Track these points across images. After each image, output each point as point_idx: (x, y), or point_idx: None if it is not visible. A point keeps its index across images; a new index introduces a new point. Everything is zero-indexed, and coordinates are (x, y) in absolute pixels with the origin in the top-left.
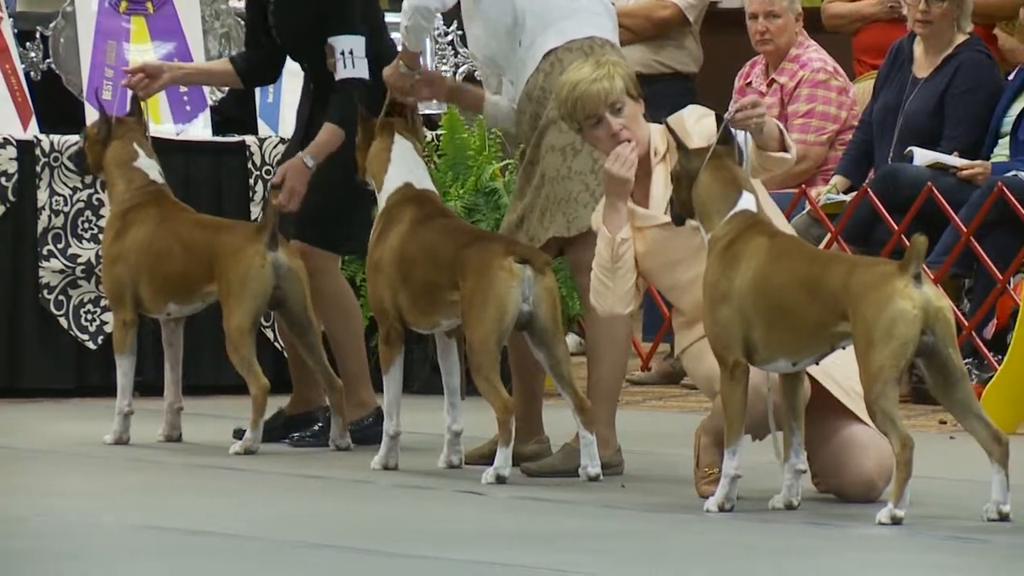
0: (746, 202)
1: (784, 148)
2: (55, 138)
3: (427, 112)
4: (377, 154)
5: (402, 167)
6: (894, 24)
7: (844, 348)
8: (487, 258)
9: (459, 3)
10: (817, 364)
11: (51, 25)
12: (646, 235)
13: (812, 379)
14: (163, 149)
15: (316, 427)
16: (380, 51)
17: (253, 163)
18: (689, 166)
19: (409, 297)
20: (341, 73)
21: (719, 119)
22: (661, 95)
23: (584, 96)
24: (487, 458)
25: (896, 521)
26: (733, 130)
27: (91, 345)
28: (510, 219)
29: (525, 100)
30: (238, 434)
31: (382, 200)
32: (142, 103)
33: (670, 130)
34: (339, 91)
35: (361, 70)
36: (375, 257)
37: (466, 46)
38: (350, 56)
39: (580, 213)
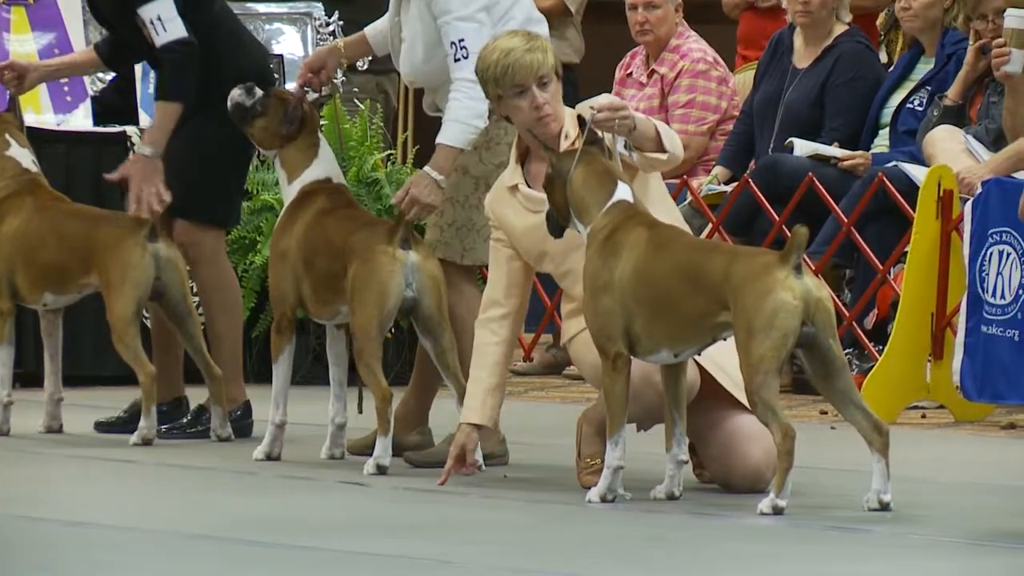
0: (623, 192)
1: (661, 148)
2: None
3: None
4: (305, 148)
5: (327, 163)
6: (772, 15)
7: (725, 339)
8: (370, 243)
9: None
10: (699, 355)
11: None
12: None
13: (701, 369)
14: (44, 139)
15: (184, 419)
16: (234, 27)
17: (134, 153)
18: (560, 167)
19: (311, 286)
20: (157, 41)
21: (581, 121)
22: None
23: (517, 64)
24: (370, 448)
25: (777, 511)
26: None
27: None
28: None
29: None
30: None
31: (294, 190)
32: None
33: (581, 122)
34: (164, 62)
35: (175, 31)
36: (281, 246)
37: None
38: (159, 22)
39: (477, 246)
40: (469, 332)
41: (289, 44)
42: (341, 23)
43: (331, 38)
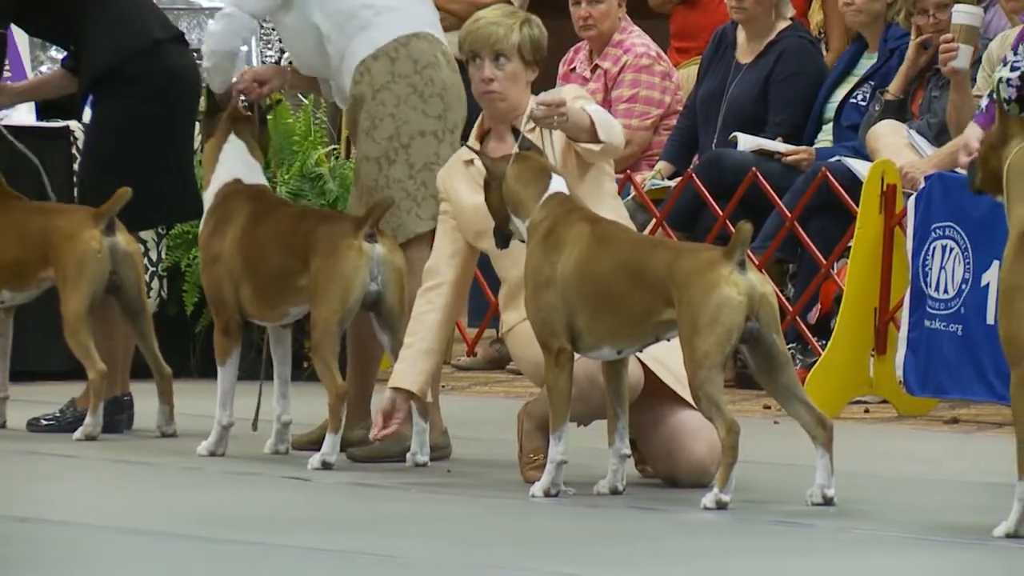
0: (558, 185)
1: (596, 139)
2: None
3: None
4: (210, 150)
5: (231, 164)
6: (705, 9)
7: (668, 340)
8: (336, 237)
9: None
10: (640, 352)
11: None
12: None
13: (643, 366)
14: None
15: (57, 412)
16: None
17: (77, 148)
18: (495, 170)
19: (253, 289)
20: None
21: (515, 132)
22: None
23: (475, 32)
24: (315, 444)
25: (721, 506)
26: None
27: None
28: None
29: (349, 109)
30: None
31: (210, 195)
32: None
33: (514, 131)
34: None
35: None
36: (213, 250)
37: None
38: None
39: (404, 219)
40: None
41: None
42: None
43: (274, 33)
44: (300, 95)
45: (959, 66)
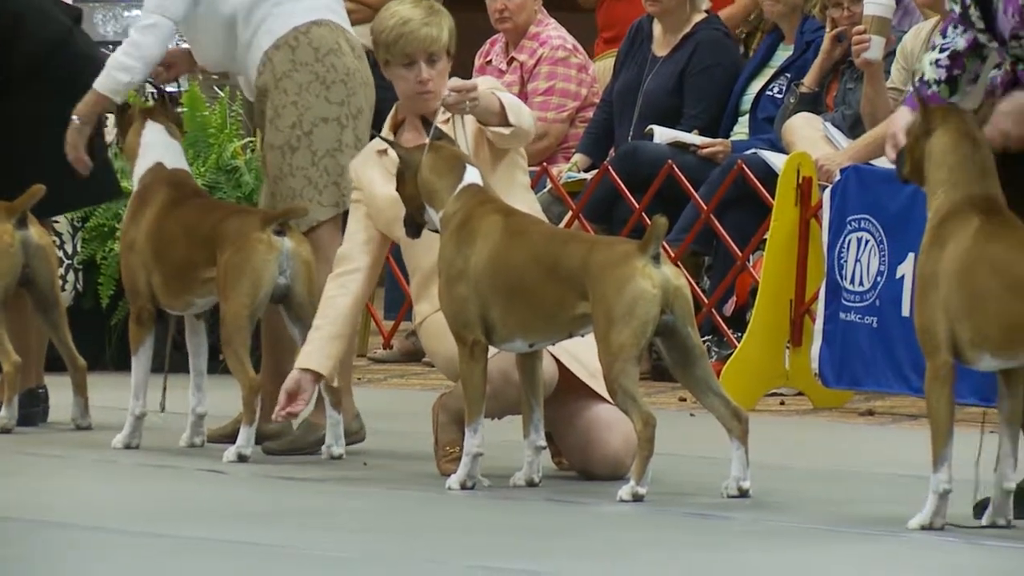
0: (472, 176)
1: (506, 122)
2: None
3: (169, 90)
4: (130, 141)
5: (153, 149)
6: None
7: (583, 335)
8: (245, 230)
9: None
10: (553, 345)
11: None
12: None
13: (557, 361)
14: None
15: None
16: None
17: None
18: (410, 160)
19: (162, 277)
20: None
21: (426, 122)
22: None
23: (410, 35)
24: (230, 437)
25: (637, 498)
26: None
27: None
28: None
29: (255, 100)
30: None
31: (135, 182)
32: None
33: (424, 122)
34: None
35: None
36: (129, 238)
37: None
38: None
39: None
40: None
41: None
42: None
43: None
44: (216, 88)
45: (871, 57)
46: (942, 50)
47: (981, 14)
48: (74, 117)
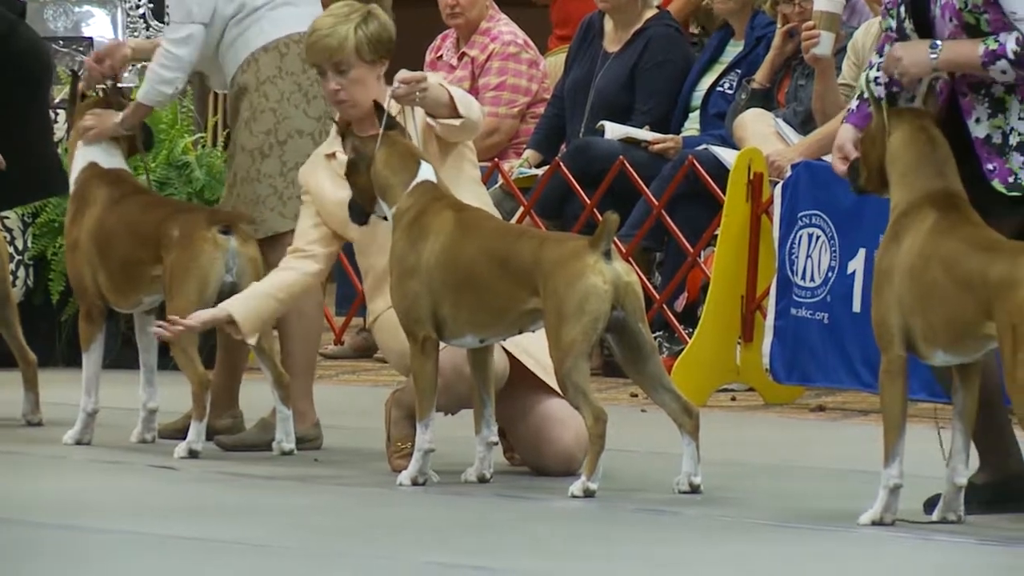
0: (426, 172)
1: (456, 114)
2: None
3: (120, 86)
4: (72, 137)
5: (88, 148)
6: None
7: (533, 331)
8: (191, 229)
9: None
10: (505, 341)
11: None
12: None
13: (509, 355)
14: None
15: None
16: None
17: None
18: (364, 151)
19: (108, 276)
20: None
21: (379, 108)
22: None
23: (314, 46)
24: (181, 432)
25: (589, 494)
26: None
27: None
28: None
29: (231, 95)
30: None
31: (72, 182)
32: None
33: (378, 108)
34: None
35: None
36: (72, 237)
37: (157, 19)
38: None
39: (267, 216)
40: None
41: (99, 27)
42: (151, 6)
43: (141, 21)
44: None
45: (821, 53)
46: (879, 68)
47: (915, 27)
48: (119, 126)
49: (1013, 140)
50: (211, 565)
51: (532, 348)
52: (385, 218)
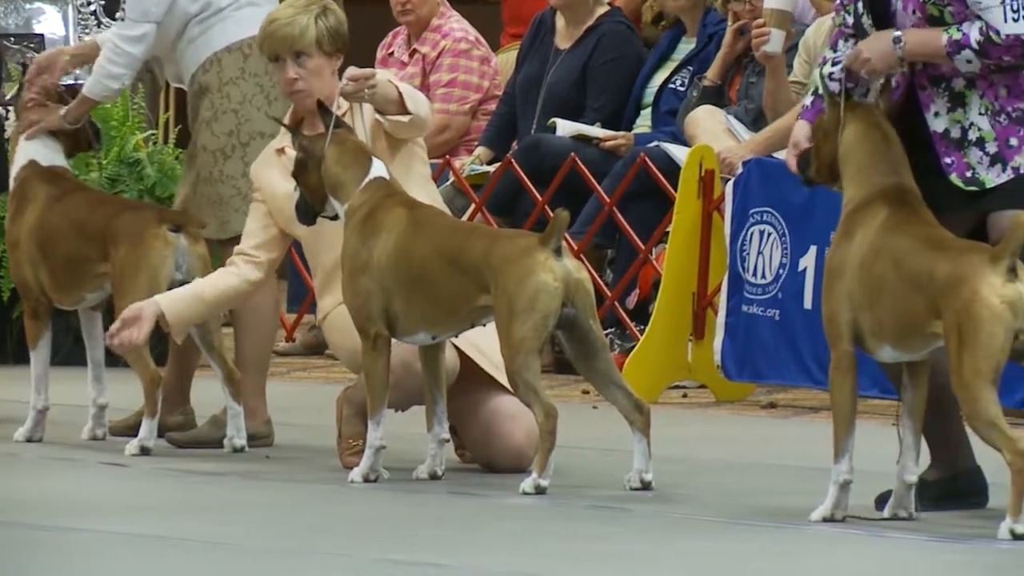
0: (378, 169)
1: (405, 110)
2: None
3: (68, 83)
4: (12, 136)
5: (28, 145)
6: None
7: (484, 325)
8: (140, 227)
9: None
10: (456, 336)
11: None
12: None
13: (460, 351)
14: None
15: None
16: None
17: None
18: (312, 148)
19: (49, 273)
20: None
21: (324, 111)
22: None
23: (274, 35)
24: (132, 430)
25: (540, 491)
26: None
27: None
28: (179, 202)
29: (192, 93)
30: None
31: (11, 181)
32: None
33: (321, 108)
34: None
35: None
36: (13, 235)
37: (109, 16)
38: None
39: (231, 217)
40: (249, 304)
41: (50, 24)
42: (103, 3)
43: (92, 18)
44: None
45: (771, 51)
46: (834, 63)
47: (874, 21)
48: (63, 120)
49: (972, 135)
50: (162, 562)
51: (483, 345)
52: (335, 217)
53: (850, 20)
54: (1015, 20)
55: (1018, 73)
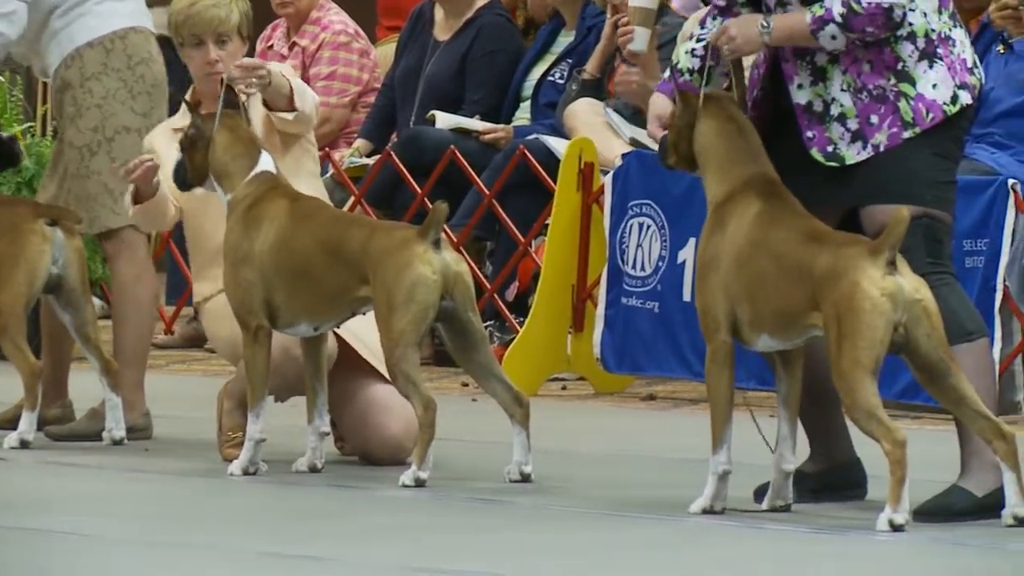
0: (266, 163)
1: (292, 106)
2: None
3: None
4: None
5: None
6: None
7: (364, 314)
8: (16, 221)
9: None
10: (338, 327)
11: None
12: None
13: (340, 339)
14: None
15: None
16: None
17: None
18: (203, 127)
19: None
20: None
21: (229, 89)
22: None
23: (197, 16)
24: (12, 423)
25: (420, 483)
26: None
27: None
28: (44, 197)
29: (54, 89)
30: None
31: None
32: None
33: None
34: None
35: None
36: None
37: None
38: None
39: (100, 213)
40: (127, 296)
41: None
42: None
43: None
44: None
45: (636, 49)
46: (698, 40)
47: (747, 1)
48: None
49: (834, 110)
50: (41, 556)
51: (363, 334)
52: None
53: (722, 3)
54: None
55: (881, 48)
